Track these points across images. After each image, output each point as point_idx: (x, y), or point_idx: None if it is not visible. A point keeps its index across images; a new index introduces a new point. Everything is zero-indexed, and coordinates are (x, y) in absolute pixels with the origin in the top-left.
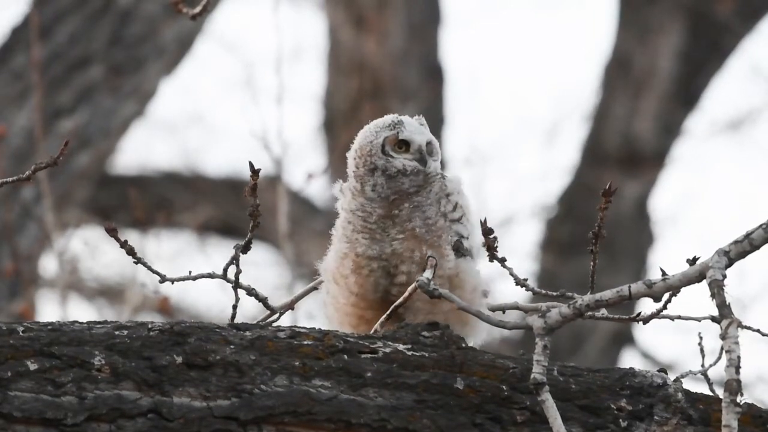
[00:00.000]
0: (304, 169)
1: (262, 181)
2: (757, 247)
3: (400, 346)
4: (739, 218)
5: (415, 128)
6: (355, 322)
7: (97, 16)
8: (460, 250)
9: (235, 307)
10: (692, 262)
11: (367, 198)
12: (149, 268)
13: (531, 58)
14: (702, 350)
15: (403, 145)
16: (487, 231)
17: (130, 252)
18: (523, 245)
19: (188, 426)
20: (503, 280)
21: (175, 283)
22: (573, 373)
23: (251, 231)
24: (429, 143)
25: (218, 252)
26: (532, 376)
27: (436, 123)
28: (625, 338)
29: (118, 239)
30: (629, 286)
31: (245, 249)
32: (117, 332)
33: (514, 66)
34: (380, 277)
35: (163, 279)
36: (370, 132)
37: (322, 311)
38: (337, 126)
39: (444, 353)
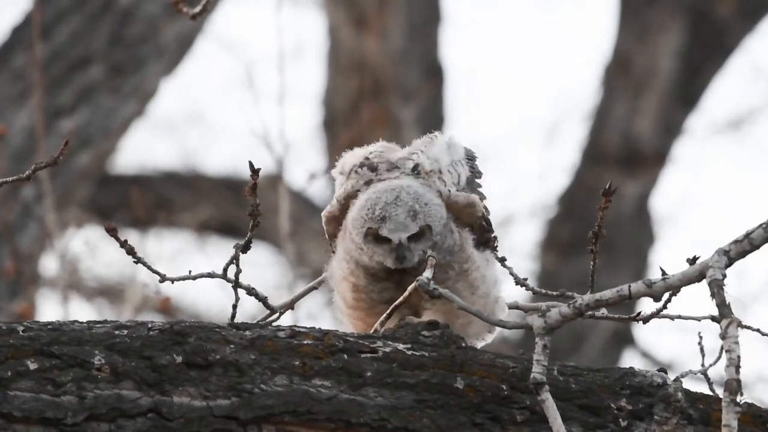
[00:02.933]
0: (304, 168)
1: (262, 180)
2: (757, 247)
3: (400, 346)
4: (739, 218)
5: (401, 222)
6: (362, 326)
7: (98, 15)
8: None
9: (234, 306)
10: (692, 261)
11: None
12: (149, 268)
13: (531, 58)
14: (702, 350)
15: (384, 240)
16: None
17: (130, 252)
18: (523, 245)
19: (188, 426)
20: (503, 280)
21: (175, 282)
22: (573, 372)
23: (251, 231)
24: (419, 234)
25: (218, 252)
26: (532, 375)
27: (436, 122)
28: (625, 338)
29: (117, 239)
30: (629, 286)
31: (245, 248)
32: (117, 332)
33: (514, 66)
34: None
35: (163, 278)
36: (360, 217)
37: (334, 312)
38: (338, 125)
39: (444, 353)
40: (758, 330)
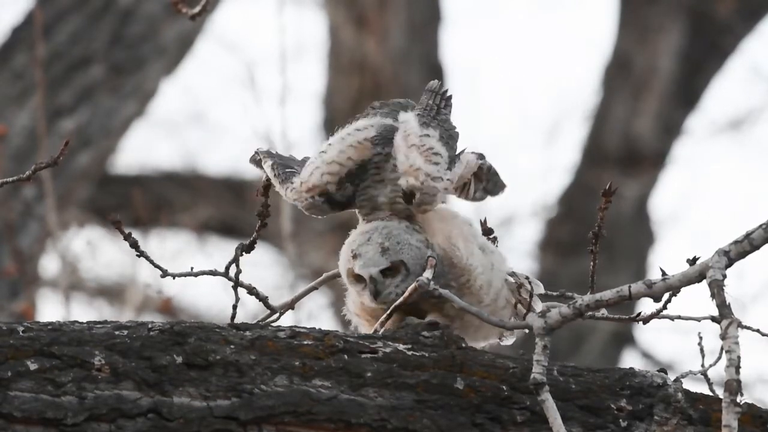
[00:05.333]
0: None
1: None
2: (757, 247)
3: (400, 346)
4: (739, 218)
5: (370, 258)
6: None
7: (98, 15)
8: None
9: (235, 306)
10: (692, 262)
11: None
12: (151, 262)
13: (531, 57)
14: (702, 350)
15: (361, 279)
16: (487, 231)
17: (134, 245)
18: (523, 245)
19: (188, 426)
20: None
21: (176, 279)
22: (573, 373)
23: (257, 231)
24: (393, 270)
25: (218, 252)
26: (532, 376)
27: None
28: (625, 338)
29: (122, 231)
30: (629, 286)
31: (249, 248)
32: (117, 332)
33: (514, 65)
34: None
35: (165, 274)
36: (342, 261)
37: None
38: (338, 125)
39: (444, 353)
40: (758, 330)
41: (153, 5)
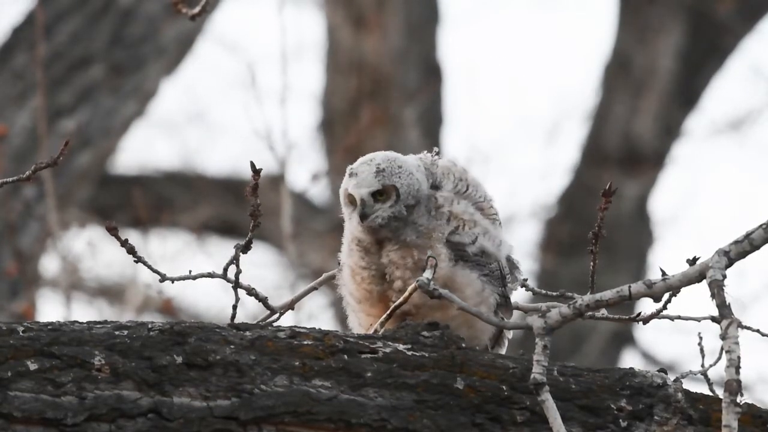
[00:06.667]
0: (303, 168)
1: (264, 181)
2: (757, 247)
3: (400, 346)
4: (739, 218)
5: (363, 178)
6: (369, 320)
7: (98, 15)
8: (464, 258)
9: (235, 307)
10: (692, 262)
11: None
12: (150, 267)
13: (531, 57)
14: (702, 350)
15: (354, 202)
16: None
17: (131, 251)
18: (523, 245)
19: (188, 426)
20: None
21: (175, 282)
22: (573, 373)
23: (251, 231)
24: (384, 194)
25: (218, 252)
26: (532, 376)
27: (435, 122)
28: (625, 338)
29: (118, 238)
30: (629, 286)
31: (245, 249)
32: (117, 332)
33: (513, 65)
34: (373, 284)
35: (164, 278)
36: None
37: (341, 310)
38: (337, 126)
39: (444, 353)
40: (758, 330)
41: (153, 5)
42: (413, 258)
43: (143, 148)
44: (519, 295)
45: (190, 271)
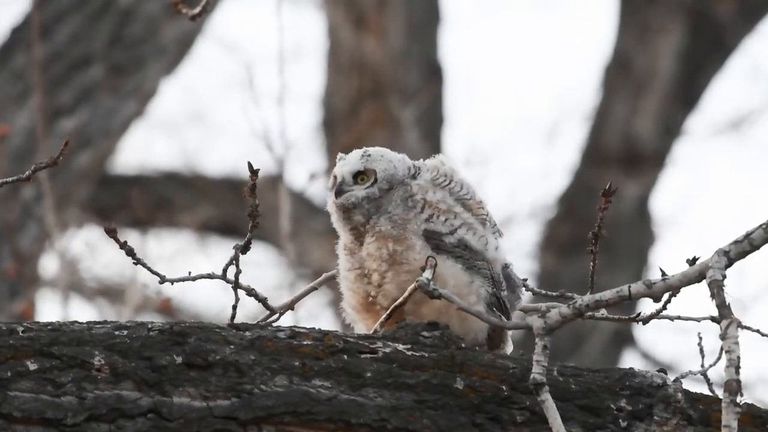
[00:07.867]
0: (303, 168)
1: (263, 181)
2: (757, 247)
3: (400, 346)
4: (739, 218)
5: (348, 161)
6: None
7: (98, 15)
8: (441, 248)
9: (234, 307)
10: (692, 262)
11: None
12: (149, 269)
13: (531, 58)
14: (702, 350)
15: (334, 179)
16: None
17: (130, 253)
18: (523, 245)
19: (188, 426)
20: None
21: (174, 283)
22: (573, 373)
23: (250, 231)
24: (364, 176)
25: (218, 252)
26: (531, 376)
27: (435, 123)
28: (625, 338)
29: (117, 240)
30: (629, 286)
31: (245, 249)
32: (117, 332)
33: (514, 66)
34: (358, 282)
35: (163, 280)
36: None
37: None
38: (337, 126)
39: (444, 353)
40: (758, 330)
41: (153, 5)
42: (388, 249)
43: (143, 148)
44: None
45: (189, 272)
